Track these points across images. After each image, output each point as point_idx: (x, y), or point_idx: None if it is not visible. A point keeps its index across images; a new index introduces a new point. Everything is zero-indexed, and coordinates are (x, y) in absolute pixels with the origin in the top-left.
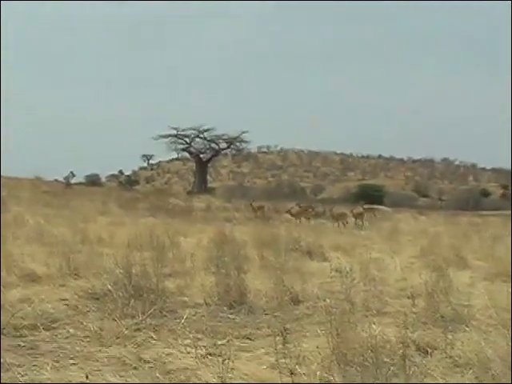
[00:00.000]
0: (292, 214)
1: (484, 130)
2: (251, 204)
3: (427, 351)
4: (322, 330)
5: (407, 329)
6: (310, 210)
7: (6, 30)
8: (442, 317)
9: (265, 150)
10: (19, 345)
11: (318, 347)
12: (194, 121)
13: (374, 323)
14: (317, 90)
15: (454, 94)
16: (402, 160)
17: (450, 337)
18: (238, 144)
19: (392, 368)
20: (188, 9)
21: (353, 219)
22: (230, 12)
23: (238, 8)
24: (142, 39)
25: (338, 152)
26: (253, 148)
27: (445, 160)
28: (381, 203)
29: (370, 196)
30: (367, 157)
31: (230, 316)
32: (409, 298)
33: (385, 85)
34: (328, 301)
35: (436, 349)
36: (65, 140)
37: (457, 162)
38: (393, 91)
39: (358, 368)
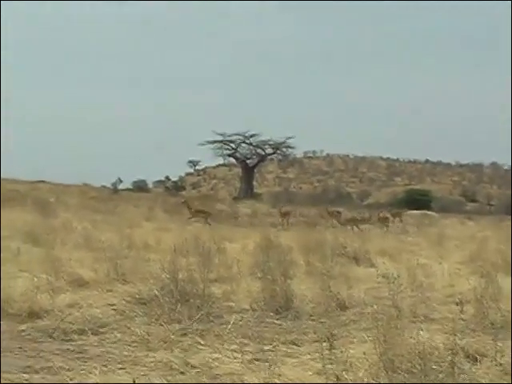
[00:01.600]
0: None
1: None
2: (280, 209)
3: (476, 358)
4: (368, 336)
5: (455, 335)
6: (337, 214)
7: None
8: (492, 323)
9: (310, 155)
10: (68, 349)
11: (364, 353)
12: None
13: (422, 330)
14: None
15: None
16: (449, 164)
17: (499, 344)
18: (283, 149)
19: (440, 375)
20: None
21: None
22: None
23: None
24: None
25: (385, 157)
26: (298, 153)
27: (493, 164)
28: (428, 208)
29: (417, 201)
30: (414, 161)
31: (276, 321)
32: (457, 304)
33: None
34: (375, 307)
35: (485, 356)
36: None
37: (506, 167)
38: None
39: (406, 375)
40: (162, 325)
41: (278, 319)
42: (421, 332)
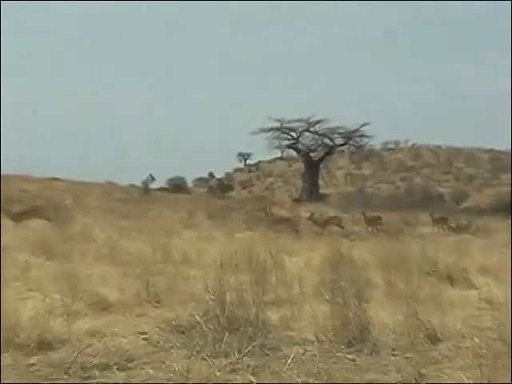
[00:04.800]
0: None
1: None
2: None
3: None
4: (468, 378)
5: None
6: (379, 220)
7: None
8: None
9: (391, 146)
10: None
11: None
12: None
13: None
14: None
15: None
16: None
17: None
18: (357, 139)
19: None
20: None
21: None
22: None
23: None
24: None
25: (488, 148)
26: (376, 144)
27: None
28: None
29: None
30: None
31: (348, 356)
32: None
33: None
34: (476, 340)
35: None
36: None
37: None
38: None
39: None
40: (204, 359)
41: (350, 353)
42: None
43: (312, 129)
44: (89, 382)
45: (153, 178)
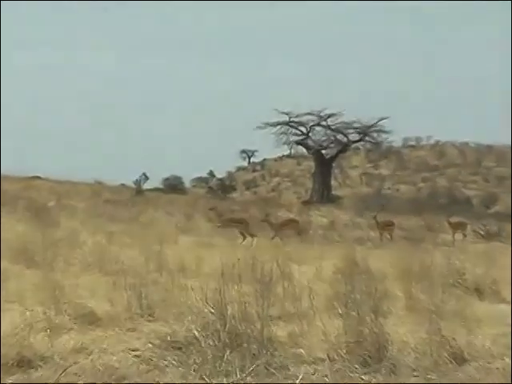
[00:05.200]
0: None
1: None
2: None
3: None
4: None
5: None
6: (391, 225)
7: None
8: None
9: (413, 143)
10: None
11: None
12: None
13: None
14: None
15: None
16: None
17: None
18: (374, 135)
19: None
20: None
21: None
22: None
23: None
24: None
25: None
26: (396, 141)
27: None
28: None
29: None
30: None
31: (363, 377)
32: None
33: None
34: (507, 360)
35: None
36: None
37: None
38: None
39: None
40: (203, 378)
41: (366, 374)
42: None
43: (324, 123)
44: None
45: (146, 177)
